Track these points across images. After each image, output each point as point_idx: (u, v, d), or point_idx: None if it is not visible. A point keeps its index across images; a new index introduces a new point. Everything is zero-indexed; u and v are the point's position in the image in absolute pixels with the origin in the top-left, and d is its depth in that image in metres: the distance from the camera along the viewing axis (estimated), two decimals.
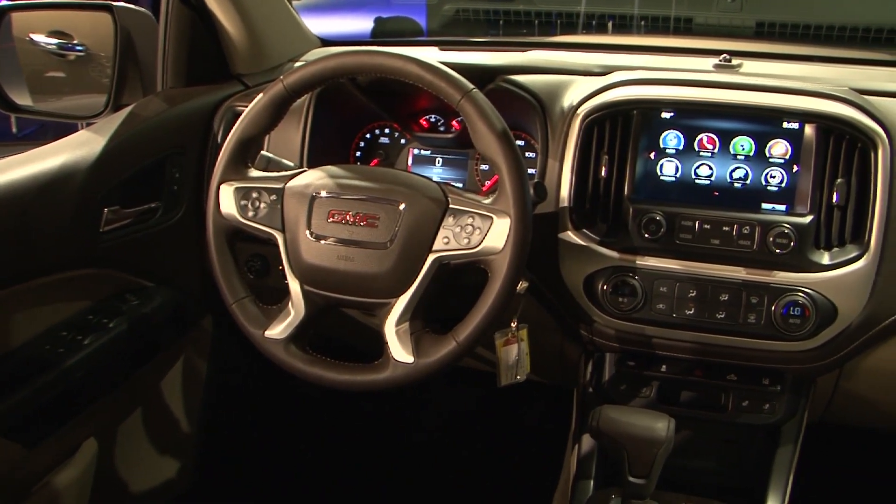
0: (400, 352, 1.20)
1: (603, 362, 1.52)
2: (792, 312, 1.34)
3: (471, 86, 1.19)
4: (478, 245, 1.17)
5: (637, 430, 1.22)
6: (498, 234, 1.16)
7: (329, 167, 1.29)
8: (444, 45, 1.86)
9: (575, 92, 1.47)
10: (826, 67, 1.66)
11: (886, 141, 1.32)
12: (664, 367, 1.49)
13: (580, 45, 1.90)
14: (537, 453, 1.94)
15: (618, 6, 1.99)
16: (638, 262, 1.39)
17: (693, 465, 1.57)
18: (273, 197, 1.27)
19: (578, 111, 1.42)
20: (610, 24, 2.00)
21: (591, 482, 1.51)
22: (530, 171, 1.49)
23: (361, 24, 2.27)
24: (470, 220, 1.18)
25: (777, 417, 1.47)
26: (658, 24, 1.95)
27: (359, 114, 1.65)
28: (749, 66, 1.57)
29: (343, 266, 1.22)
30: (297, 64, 1.31)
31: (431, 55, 1.61)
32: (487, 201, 1.20)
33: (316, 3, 2.44)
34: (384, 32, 2.24)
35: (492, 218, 1.17)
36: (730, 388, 1.47)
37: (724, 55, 1.56)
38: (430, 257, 1.19)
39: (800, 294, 1.34)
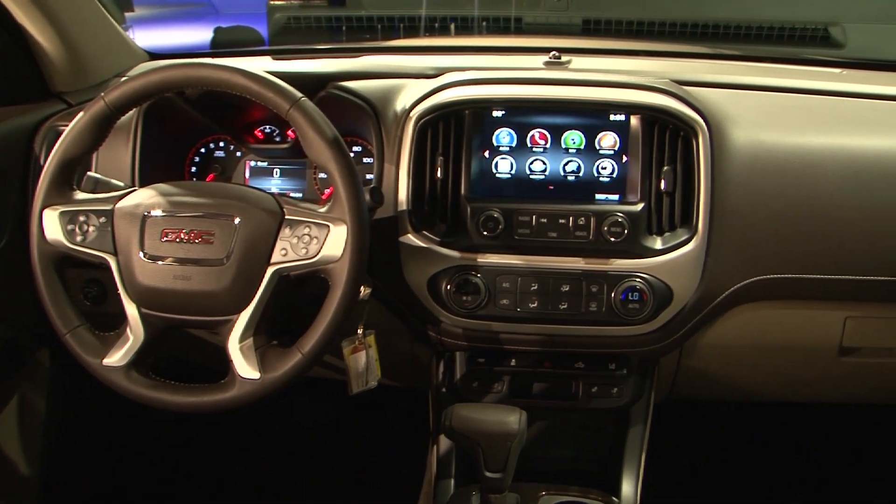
0: (245, 368, 1.19)
1: (453, 361, 1.54)
2: (630, 298, 1.39)
3: (299, 95, 1.18)
4: (316, 254, 1.17)
5: (489, 426, 1.24)
6: (335, 242, 1.16)
7: (160, 185, 1.26)
8: (277, 55, 1.83)
9: (407, 95, 1.48)
10: (650, 61, 1.74)
11: (706, 128, 1.39)
12: (513, 361, 1.51)
13: (413, 48, 1.92)
14: (399, 457, 1.94)
15: (447, 8, 2.02)
16: (479, 259, 1.41)
17: (550, 454, 1.61)
18: (102, 219, 1.23)
19: (411, 114, 1.43)
20: (452, 26, 2.02)
21: (452, 481, 1.53)
22: (368, 176, 1.49)
23: (201, 35, 2.21)
24: (307, 230, 1.17)
25: (626, 400, 1.53)
26: (489, 24, 1.99)
27: (191, 128, 1.60)
28: (578, 62, 1.61)
29: (180, 286, 1.19)
30: (123, 79, 1.26)
31: (263, 65, 1.58)
32: (323, 210, 1.19)
33: (150, 16, 2.36)
34: (223, 43, 2.19)
35: (328, 226, 1.16)
36: (578, 375, 1.51)
37: (554, 52, 1.60)
38: (269, 270, 1.18)
39: (637, 279, 1.39)
